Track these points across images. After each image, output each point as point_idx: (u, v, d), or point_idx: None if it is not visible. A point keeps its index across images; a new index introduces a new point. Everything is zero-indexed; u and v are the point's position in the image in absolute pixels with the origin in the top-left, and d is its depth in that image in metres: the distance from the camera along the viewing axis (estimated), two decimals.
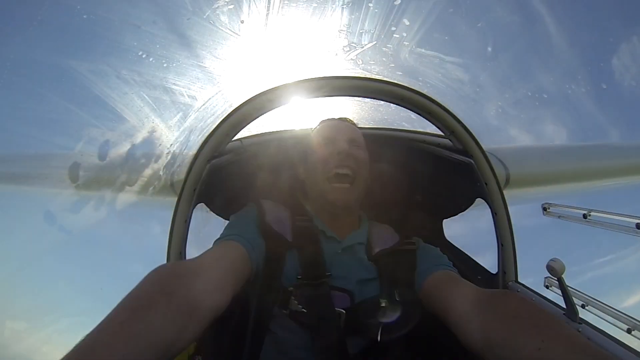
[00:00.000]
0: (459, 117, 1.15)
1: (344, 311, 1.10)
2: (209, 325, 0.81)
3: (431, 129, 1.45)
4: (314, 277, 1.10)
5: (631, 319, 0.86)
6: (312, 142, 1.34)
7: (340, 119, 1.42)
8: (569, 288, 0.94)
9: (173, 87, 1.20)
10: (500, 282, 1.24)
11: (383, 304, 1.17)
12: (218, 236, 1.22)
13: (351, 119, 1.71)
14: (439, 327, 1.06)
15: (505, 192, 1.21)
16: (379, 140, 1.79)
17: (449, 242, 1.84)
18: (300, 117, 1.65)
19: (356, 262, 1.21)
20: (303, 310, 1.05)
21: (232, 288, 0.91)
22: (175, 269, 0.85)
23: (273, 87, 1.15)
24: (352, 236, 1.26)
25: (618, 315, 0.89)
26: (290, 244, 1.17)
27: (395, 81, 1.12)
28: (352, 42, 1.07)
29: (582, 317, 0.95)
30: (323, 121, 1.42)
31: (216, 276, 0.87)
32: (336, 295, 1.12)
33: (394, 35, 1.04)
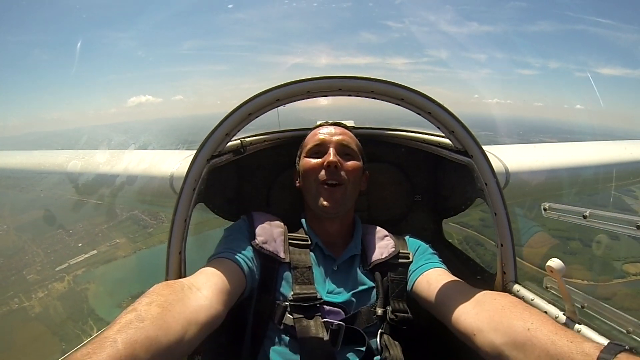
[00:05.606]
0: (458, 117, 1.15)
1: (343, 324, 1.17)
2: (207, 337, 0.85)
3: (431, 129, 1.44)
4: (305, 299, 1.17)
5: (631, 320, 0.86)
6: (304, 149, 1.40)
7: (334, 123, 1.47)
8: (569, 288, 0.93)
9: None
10: (500, 282, 1.24)
11: (379, 312, 1.23)
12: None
13: (350, 119, 1.72)
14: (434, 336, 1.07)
15: (505, 192, 1.20)
16: (379, 140, 1.79)
17: (448, 242, 1.84)
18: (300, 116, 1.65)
19: (352, 276, 1.28)
20: (296, 326, 1.13)
21: (226, 303, 0.96)
22: (171, 286, 0.90)
23: (272, 86, 1.14)
24: (347, 250, 1.33)
25: (618, 316, 0.89)
26: (284, 263, 1.23)
27: (396, 81, 1.12)
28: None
29: (582, 318, 0.95)
30: (316, 126, 1.47)
31: (210, 293, 0.93)
32: (330, 310, 1.20)
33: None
